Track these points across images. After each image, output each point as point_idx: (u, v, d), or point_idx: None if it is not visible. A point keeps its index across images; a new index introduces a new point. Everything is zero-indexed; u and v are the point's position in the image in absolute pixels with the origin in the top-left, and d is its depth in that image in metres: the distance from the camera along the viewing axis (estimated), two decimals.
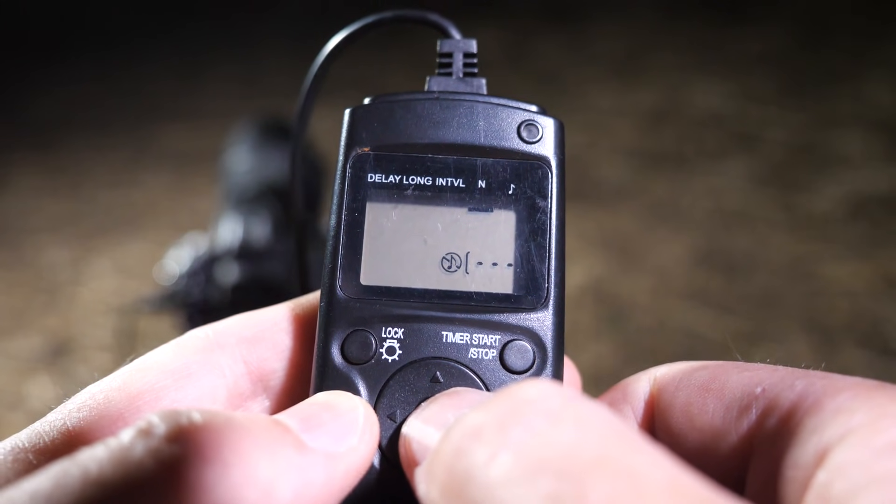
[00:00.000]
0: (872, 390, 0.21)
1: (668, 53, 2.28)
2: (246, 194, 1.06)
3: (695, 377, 0.26)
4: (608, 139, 1.96)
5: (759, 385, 0.24)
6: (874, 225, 1.62)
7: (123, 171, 2.12)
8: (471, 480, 0.19)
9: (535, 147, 0.30)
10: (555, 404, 0.20)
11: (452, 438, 0.21)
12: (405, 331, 0.28)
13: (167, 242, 1.37)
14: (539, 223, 0.30)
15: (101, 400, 0.26)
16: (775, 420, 0.23)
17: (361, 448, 0.24)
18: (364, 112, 0.31)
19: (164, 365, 0.27)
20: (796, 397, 0.23)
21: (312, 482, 0.22)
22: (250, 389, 0.29)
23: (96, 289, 1.70)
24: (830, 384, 0.22)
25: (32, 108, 2.49)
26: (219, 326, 0.29)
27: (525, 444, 0.19)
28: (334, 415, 0.24)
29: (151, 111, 2.36)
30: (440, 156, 0.30)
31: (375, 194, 0.30)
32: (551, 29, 2.46)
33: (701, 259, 1.57)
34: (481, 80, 0.32)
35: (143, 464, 0.19)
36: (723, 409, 0.25)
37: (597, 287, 1.53)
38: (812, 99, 2.00)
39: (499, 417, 0.20)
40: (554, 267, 0.29)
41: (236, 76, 2.42)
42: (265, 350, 0.29)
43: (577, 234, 1.64)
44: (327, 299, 0.29)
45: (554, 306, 0.29)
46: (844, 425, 0.21)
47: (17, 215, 2.00)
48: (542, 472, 0.18)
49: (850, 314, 1.42)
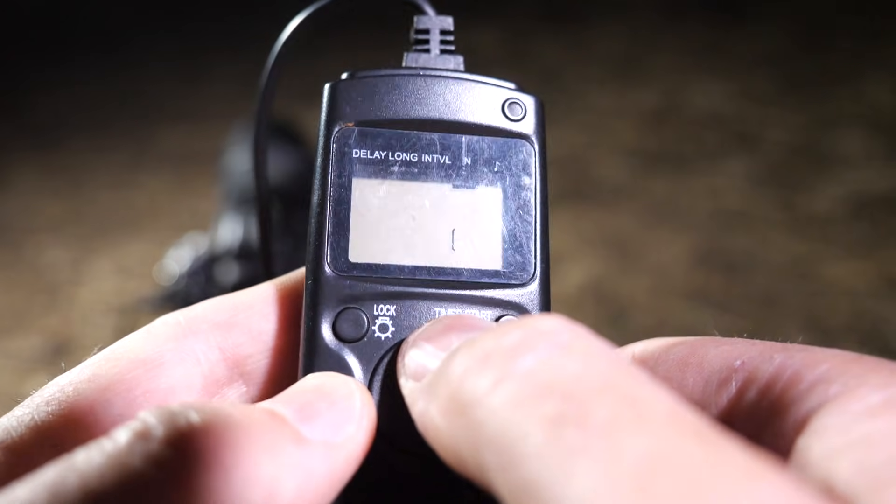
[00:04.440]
0: (850, 362, 0.22)
1: (668, 53, 2.28)
2: (246, 194, 1.06)
3: (673, 352, 0.26)
4: (608, 139, 1.96)
5: (739, 358, 0.24)
6: (874, 225, 1.62)
7: (124, 171, 2.12)
8: (476, 402, 0.19)
9: (519, 125, 0.30)
10: (566, 338, 0.20)
11: (460, 360, 0.21)
12: (397, 308, 0.28)
13: (167, 242, 1.37)
14: (524, 200, 0.30)
15: (70, 392, 0.25)
16: (755, 392, 0.23)
17: (360, 435, 0.24)
18: (345, 87, 0.30)
19: (134, 354, 0.26)
20: (775, 370, 0.23)
21: (313, 475, 0.22)
22: (226, 376, 0.28)
23: (96, 289, 1.69)
24: (809, 356, 0.23)
25: (32, 109, 2.49)
26: (190, 312, 0.28)
27: (534, 370, 0.19)
28: (330, 402, 0.24)
29: (152, 112, 2.36)
30: (425, 132, 0.30)
31: (361, 170, 0.29)
32: (551, 29, 2.45)
33: (701, 259, 1.57)
34: (459, 58, 0.32)
35: (144, 472, 0.19)
36: (702, 383, 0.25)
37: (597, 287, 1.53)
38: (812, 99, 2.00)
39: (510, 344, 0.20)
40: (540, 243, 0.30)
41: (236, 76, 2.42)
42: (240, 335, 0.28)
43: (577, 234, 1.64)
44: (314, 277, 0.28)
45: (541, 281, 0.29)
46: (823, 394, 0.21)
47: (17, 215, 2.00)
48: (547, 396, 0.18)
49: (850, 314, 1.42)
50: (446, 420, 0.20)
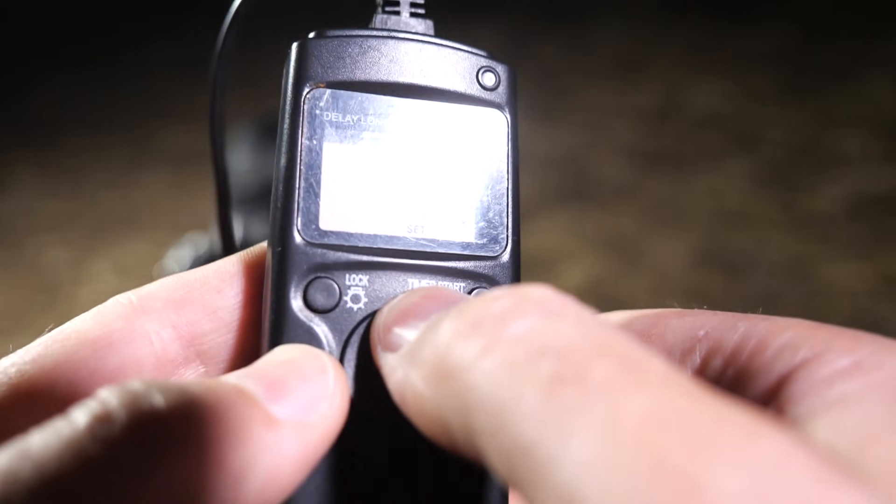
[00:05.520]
0: (813, 328, 0.22)
1: (668, 53, 2.28)
2: (246, 194, 1.06)
3: (635, 325, 0.26)
4: (608, 139, 1.96)
5: (702, 328, 0.24)
6: (874, 225, 1.62)
7: (123, 171, 2.12)
8: (466, 367, 0.19)
9: (493, 94, 0.29)
10: (557, 305, 0.20)
11: (447, 327, 0.20)
12: (370, 278, 0.27)
13: (167, 242, 1.37)
14: (497, 171, 0.29)
15: (13, 374, 0.24)
16: (720, 362, 0.23)
17: (333, 413, 0.23)
18: (315, 46, 0.28)
19: (82, 334, 0.25)
20: (740, 338, 0.23)
21: (284, 457, 0.21)
22: (182, 355, 0.26)
23: (96, 289, 1.69)
24: (772, 324, 0.23)
25: (32, 108, 2.48)
26: (143, 291, 0.27)
27: (527, 334, 0.19)
28: (302, 378, 0.23)
29: (151, 111, 2.36)
30: (398, 97, 0.29)
31: (333, 134, 0.28)
32: (551, 29, 2.45)
33: (701, 259, 1.57)
34: (429, 22, 0.30)
35: (104, 459, 0.18)
36: (665, 354, 0.25)
37: (597, 287, 1.53)
38: (812, 99, 2.00)
39: (501, 310, 0.20)
40: (511, 214, 0.29)
41: (236, 76, 2.42)
42: (195, 312, 0.27)
43: (577, 234, 1.64)
44: (283, 244, 0.26)
45: (511, 253, 0.28)
46: (790, 361, 0.21)
47: (17, 215, 2.00)
48: (542, 358, 0.18)
49: (850, 314, 1.42)
50: (431, 387, 0.20)
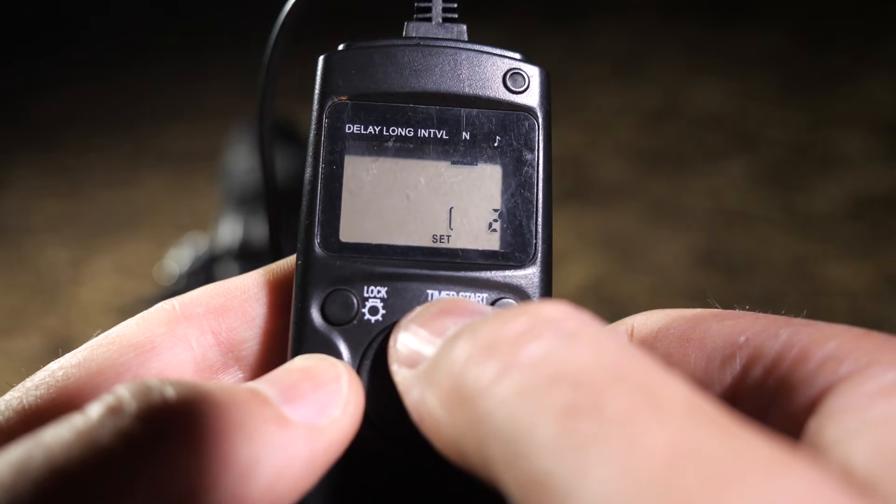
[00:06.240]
0: (860, 338, 0.21)
1: (669, 53, 2.28)
2: (246, 194, 1.06)
3: (674, 327, 0.25)
4: (608, 139, 1.96)
5: (742, 334, 0.23)
6: (874, 225, 1.62)
7: (123, 170, 2.12)
8: (481, 393, 0.18)
9: (522, 97, 0.29)
10: (573, 325, 0.19)
11: (461, 348, 0.20)
12: (389, 290, 0.27)
13: (167, 242, 1.37)
14: (526, 177, 0.28)
15: (60, 377, 0.25)
16: (760, 370, 0.22)
17: (345, 419, 0.23)
18: (340, 59, 0.28)
19: (127, 339, 0.26)
20: (781, 346, 0.22)
21: (294, 459, 0.21)
22: (221, 361, 0.27)
23: (96, 289, 1.69)
24: (816, 332, 0.22)
25: (32, 108, 2.48)
26: (186, 297, 0.28)
27: (542, 359, 0.18)
28: (316, 384, 0.23)
29: (151, 111, 2.36)
30: (422, 106, 0.28)
31: (354, 146, 0.28)
32: (552, 29, 2.45)
33: (701, 259, 1.57)
34: (462, 27, 0.30)
35: (113, 448, 0.18)
36: (704, 360, 0.24)
37: (597, 287, 1.53)
38: (812, 99, 2.00)
39: (515, 332, 0.19)
40: (542, 222, 0.28)
41: (236, 76, 2.42)
42: (234, 319, 0.27)
43: (577, 234, 1.64)
44: (304, 257, 0.27)
45: (542, 263, 0.27)
46: (834, 373, 0.20)
47: (17, 215, 2.00)
48: (557, 384, 0.17)
49: (849, 314, 1.42)
50: (447, 411, 0.20)
